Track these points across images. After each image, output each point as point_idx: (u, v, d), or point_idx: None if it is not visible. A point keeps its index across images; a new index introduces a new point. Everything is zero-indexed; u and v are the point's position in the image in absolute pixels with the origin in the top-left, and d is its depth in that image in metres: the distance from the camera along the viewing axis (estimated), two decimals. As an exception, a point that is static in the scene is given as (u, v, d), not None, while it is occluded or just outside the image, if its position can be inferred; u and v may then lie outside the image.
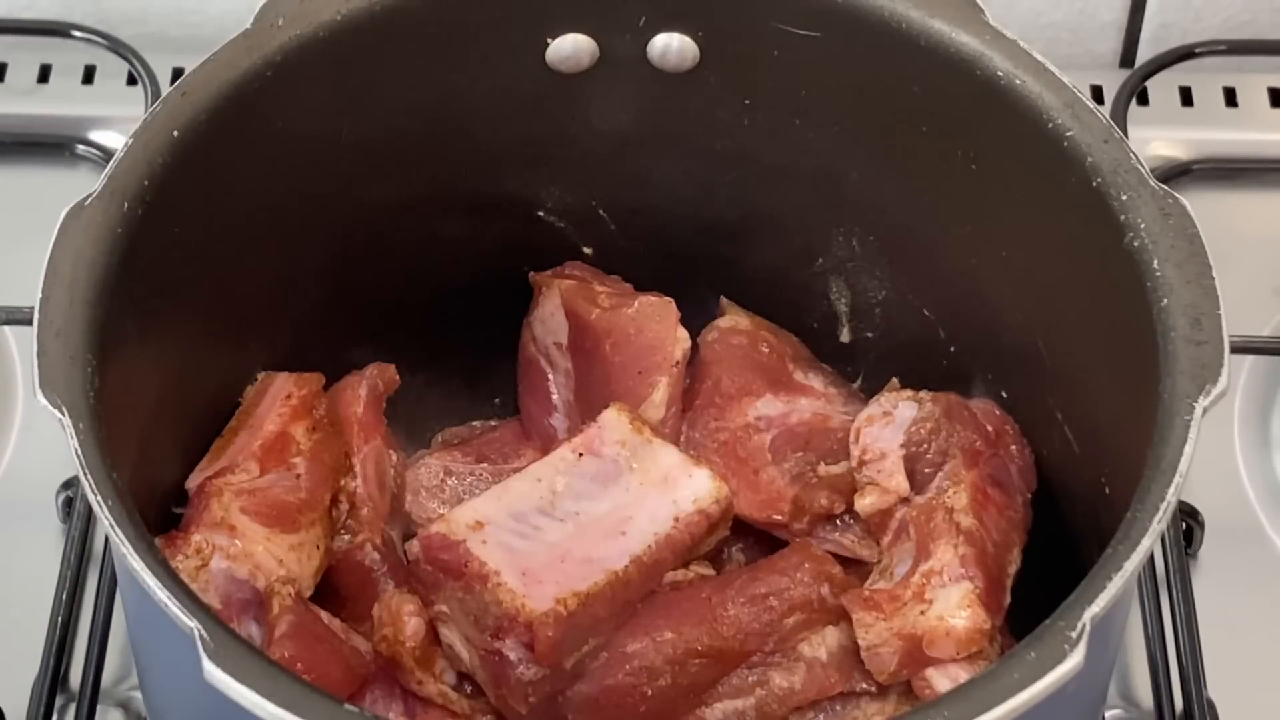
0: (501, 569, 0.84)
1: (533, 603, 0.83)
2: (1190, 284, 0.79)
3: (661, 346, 0.94)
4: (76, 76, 1.23)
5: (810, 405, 0.97)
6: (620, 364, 0.95)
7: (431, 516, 0.94)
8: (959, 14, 0.87)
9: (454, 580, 0.84)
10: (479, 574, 0.84)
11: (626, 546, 0.87)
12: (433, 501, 0.96)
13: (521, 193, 0.99)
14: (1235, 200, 1.19)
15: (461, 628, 0.85)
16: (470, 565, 0.84)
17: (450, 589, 0.85)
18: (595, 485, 0.89)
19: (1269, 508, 1.05)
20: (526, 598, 0.83)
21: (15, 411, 1.08)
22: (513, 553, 0.85)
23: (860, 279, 1.00)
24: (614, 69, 0.93)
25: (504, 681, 0.84)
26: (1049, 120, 0.85)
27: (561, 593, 0.84)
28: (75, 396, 0.75)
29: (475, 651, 0.85)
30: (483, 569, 0.84)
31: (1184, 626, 0.97)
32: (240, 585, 0.86)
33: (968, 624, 0.84)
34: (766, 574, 0.89)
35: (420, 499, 0.95)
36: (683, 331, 0.95)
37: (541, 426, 0.99)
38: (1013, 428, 0.93)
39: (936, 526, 0.87)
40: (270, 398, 0.93)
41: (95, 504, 0.73)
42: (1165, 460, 0.75)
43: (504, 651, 0.83)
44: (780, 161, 0.96)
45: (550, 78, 0.93)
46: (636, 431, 0.91)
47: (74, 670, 0.97)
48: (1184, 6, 1.25)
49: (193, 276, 0.87)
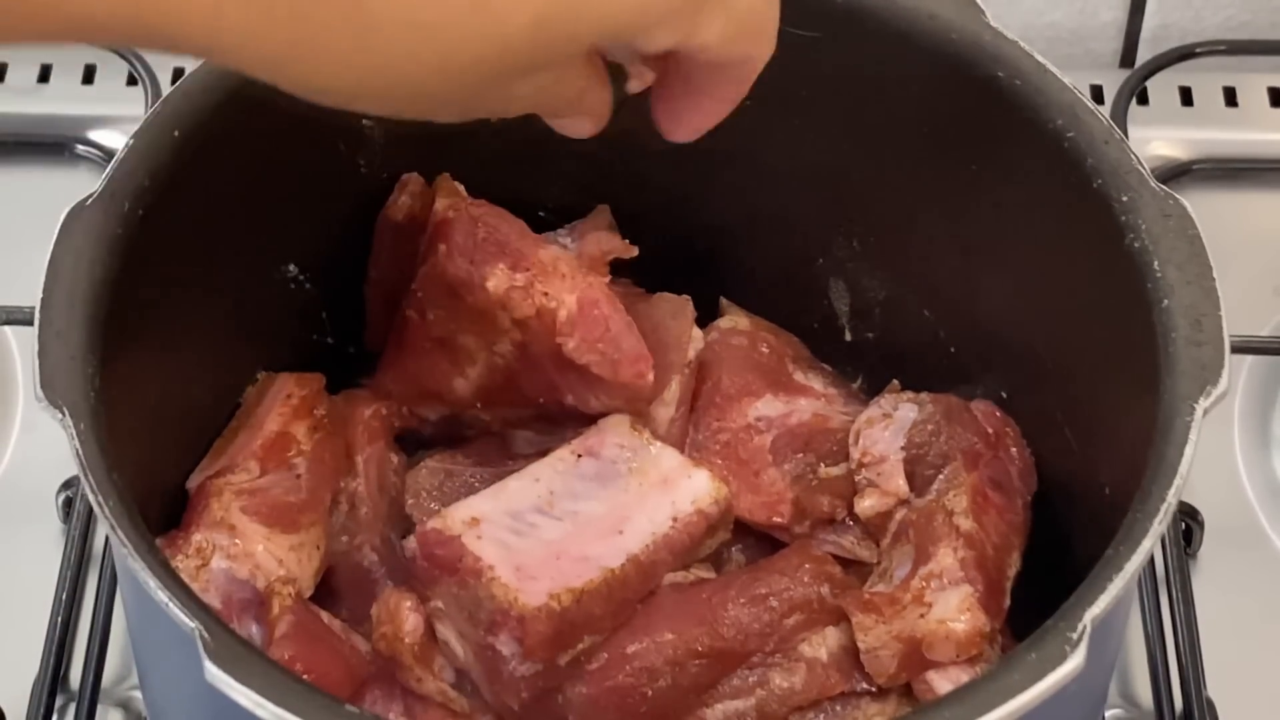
0: (496, 564, 0.84)
1: (525, 598, 0.83)
2: (1190, 285, 0.79)
3: (676, 344, 0.94)
4: (77, 76, 1.23)
5: (810, 406, 0.97)
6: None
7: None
8: (959, 14, 0.87)
9: (449, 575, 0.84)
10: (473, 569, 0.84)
11: (624, 545, 0.87)
12: (433, 503, 0.96)
13: (521, 193, 0.99)
14: (1235, 200, 1.19)
15: (456, 623, 0.85)
16: (465, 560, 0.84)
17: (446, 584, 0.85)
18: (594, 486, 0.89)
19: (1269, 508, 1.05)
20: (519, 592, 0.83)
21: (15, 411, 1.08)
22: (508, 549, 0.85)
23: (860, 279, 1.00)
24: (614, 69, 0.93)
25: (497, 677, 0.84)
26: (1049, 121, 0.85)
27: (555, 588, 0.83)
28: (75, 396, 0.75)
29: (470, 647, 0.85)
30: (477, 564, 0.84)
31: (1184, 626, 0.97)
32: (240, 585, 0.86)
33: (967, 627, 0.84)
34: (766, 574, 0.89)
35: (421, 501, 0.95)
36: (698, 331, 0.95)
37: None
38: (1013, 429, 0.93)
39: (936, 529, 0.87)
40: (271, 398, 0.93)
41: (95, 504, 0.73)
42: (1165, 461, 0.75)
43: (497, 646, 0.83)
44: (780, 161, 0.96)
45: (551, 78, 0.93)
46: (637, 434, 0.91)
47: (74, 670, 0.97)
48: (1184, 6, 1.25)
49: (193, 276, 0.87)
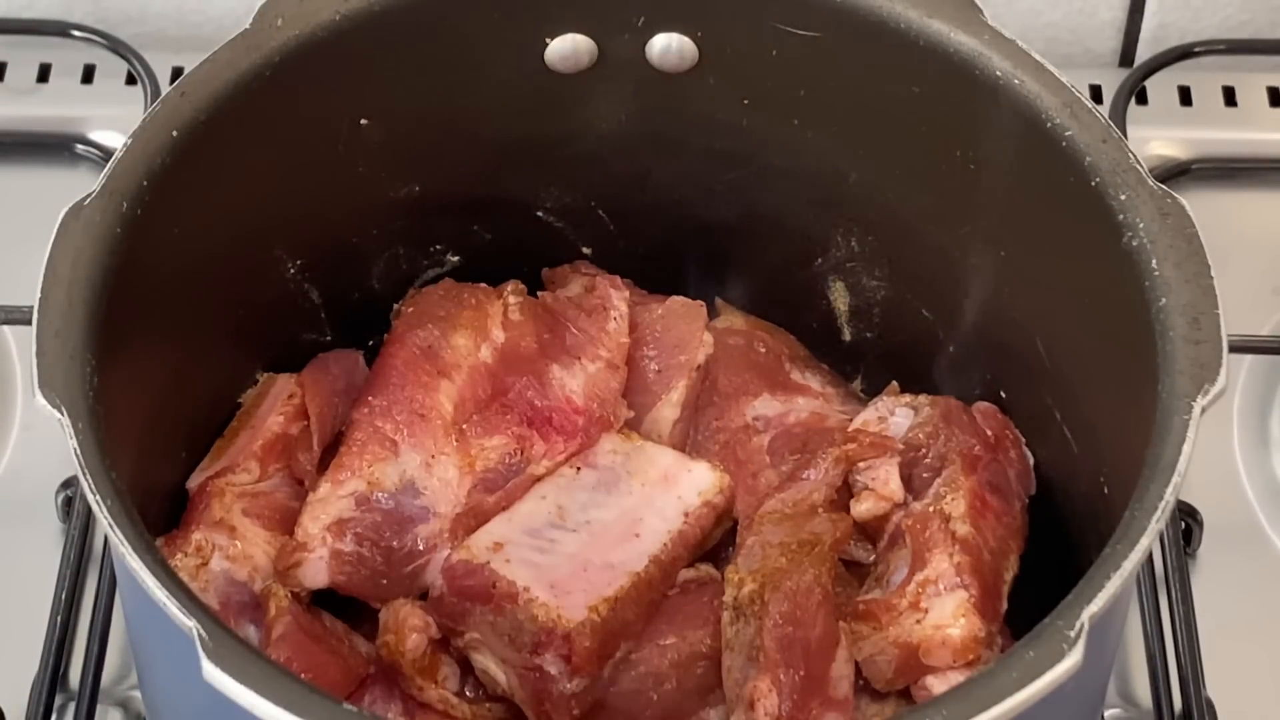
0: (530, 584, 0.84)
1: (568, 613, 0.83)
2: (1189, 284, 0.79)
3: (685, 347, 0.95)
4: (76, 76, 1.23)
5: (808, 405, 0.97)
6: (641, 359, 0.95)
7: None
8: (958, 14, 0.87)
9: (482, 604, 0.84)
10: (508, 593, 0.84)
11: (644, 548, 0.87)
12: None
13: (521, 193, 0.99)
14: (1234, 200, 1.19)
15: (496, 650, 0.85)
16: (499, 585, 0.84)
17: (479, 614, 0.85)
18: (599, 494, 0.89)
19: (1268, 507, 1.05)
20: (561, 609, 0.83)
21: (15, 411, 1.08)
22: (537, 568, 0.85)
23: (860, 279, 1.00)
24: (613, 69, 0.93)
25: (547, 697, 0.83)
26: (1048, 120, 0.85)
27: (592, 600, 0.84)
28: (74, 396, 0.75)
29: (513, 672, 0.85)
30: (511, 587, 0.84)
31: (1183, 626, 0.97)
32: (239, 588, 0.86)
33: (963, 633, 0.84)
34: (766, 574, 0.89)
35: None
36: (708, 335, 0.95)
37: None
38: (1012, 432, 0.93)
39: (932, 535, 0.87)
40: (271, 398, 0.93)
41: (94, 504, 0.73)
42: (1164, 459, 0.75)
43: (544, 667, 0.83)
44: (780, 161, 0.96)
45: (549, 78, 0.93)
46: (625, 438, 0.91)
47: (73, 669, 0.97)
48: (1183, 6, 1.25)
49: (192, 276, 0.87)
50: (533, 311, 0.94)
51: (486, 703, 0.87)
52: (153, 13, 1.25)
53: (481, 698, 0.87)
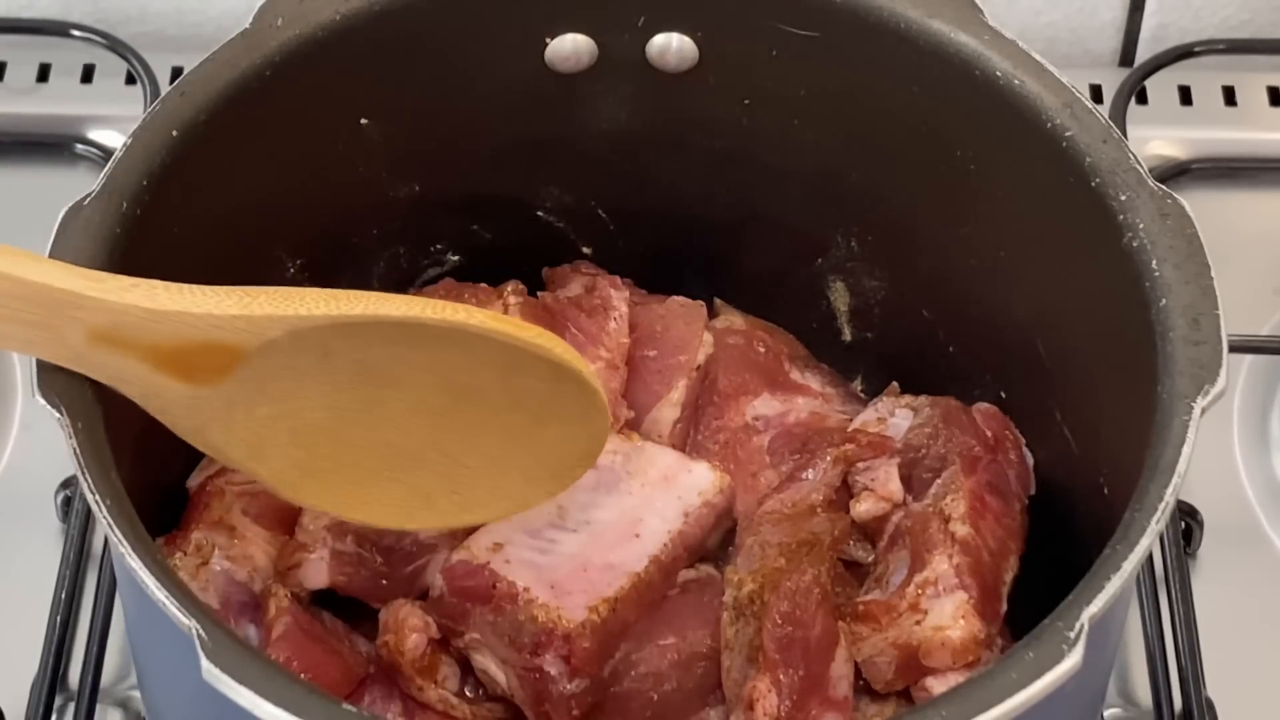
0: (530, 585, 0.84)
1: (568, 614, 0.83)
2: (1189, 284, 0.79)
3: (686, 348, 0.95)
4: (75, 76, 1.23)
5: (808, 404, 0.97)
6: (641, 359, 0.95)
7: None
8: (958, 14, 0.88)
9: (482, 604, 0.84)
10: (508, 593, 0.84)
11: (644, 548, 0.87)
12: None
13: (521, 193, 0.99)
14: (1234, 200, 1.19)
15: (497, 651, 0.85)
16: (499, 585, 0.84)
17: (479, 614, 0.85)
18: (599, 494, 0.89)
19: (1268, 507, 1.05)
20: (561, 610, 0.83)
21: (15, 411, 1.08)
22: (537, 568, 0.85)
23: (860, 279, 1.00)
24: (613, 69, 0.93)
25: (546, 697, 0.83)
26: (1048, 120, 0.85)
27: (592, 601, 0.84)
28: (74, 396, 0.75)
29: (513, 672, 0.85)
30: (511, 588, 0.84)
31: (1183, 626, 0.97)
32: (239, 588, 0.86)
33: (962, 634, 0.84)
34: (766, 574, 0.89)
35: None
36: (708, 335, 0.95)
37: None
38: (1012, 432, 0.93)
39: (931, 536, 0.87)
40: (271, 398, 0.93)
41: (94, 504, 0.73)
42: (1164, 460, 0.75)
43: (544, 667, 0.83)
44: (780, 161, 0.96)
45: (550, 78, 0.93)
46: (624, 438, 0.91)
47: (73, 670, 0.97)
48: (1183, 6, 1.25)
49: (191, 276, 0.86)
50: (533, 311, 0.94)
51: (486, 703, 0.87)
52: (152, 12, 1.25)
53: (481, 698, 0.87)
